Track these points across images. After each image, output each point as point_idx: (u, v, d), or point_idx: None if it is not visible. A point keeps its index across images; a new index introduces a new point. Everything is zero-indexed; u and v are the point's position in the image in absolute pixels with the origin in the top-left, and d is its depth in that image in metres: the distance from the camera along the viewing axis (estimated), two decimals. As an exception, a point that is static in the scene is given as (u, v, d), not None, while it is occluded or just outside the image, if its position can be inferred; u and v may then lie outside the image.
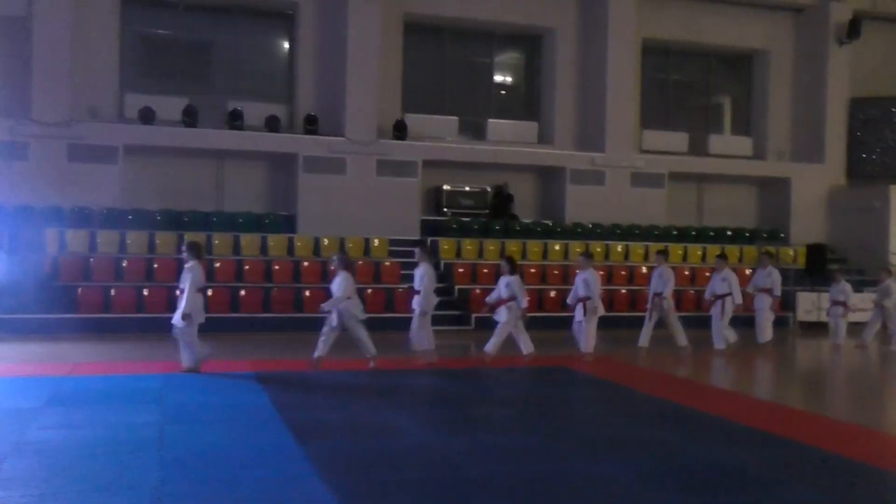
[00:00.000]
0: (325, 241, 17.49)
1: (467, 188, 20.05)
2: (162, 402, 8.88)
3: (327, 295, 11.20)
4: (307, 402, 9.21)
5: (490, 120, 20.87)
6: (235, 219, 17.75)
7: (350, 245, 17.60)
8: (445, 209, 19.69)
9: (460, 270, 17.68)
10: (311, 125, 18.61)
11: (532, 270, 18.02)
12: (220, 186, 18.62)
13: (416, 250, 11.86)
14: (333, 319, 10.92)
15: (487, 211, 20.04)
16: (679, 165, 21.43)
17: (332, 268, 11.28)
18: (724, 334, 14.20)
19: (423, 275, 11.54)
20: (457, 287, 17.29)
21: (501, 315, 12.06)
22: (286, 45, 19.96)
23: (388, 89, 19.40)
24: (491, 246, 18.54)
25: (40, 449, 6.80)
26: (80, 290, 14.93)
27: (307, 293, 15.88)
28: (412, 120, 19.70)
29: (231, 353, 11.97)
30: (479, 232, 19.07)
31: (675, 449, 7.27)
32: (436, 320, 15.52)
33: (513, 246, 18.63)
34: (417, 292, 11.59)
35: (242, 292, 15.64)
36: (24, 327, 13.74)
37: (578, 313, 12.67)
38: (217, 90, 19.25)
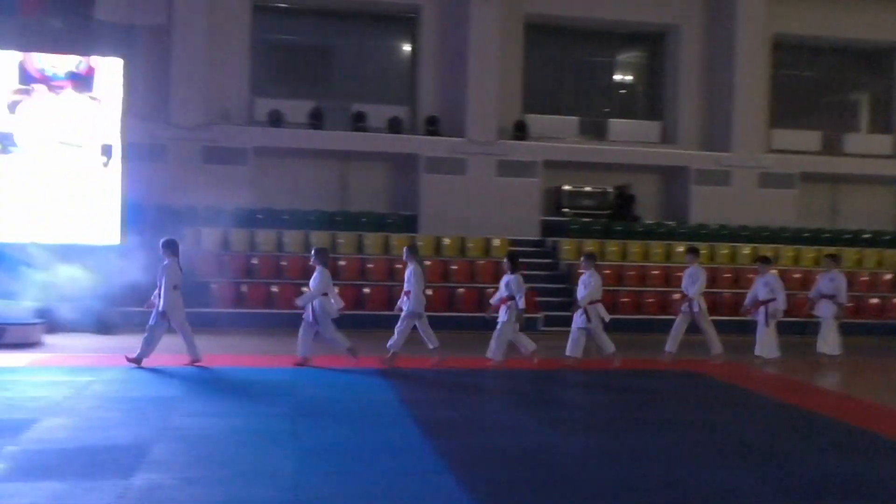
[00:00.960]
0: (447, 241, 17.65)
1: (588, 189, 19.82)
2: (293, 394, 9.16)
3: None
4: (432, 399, 9.31)
5: (611, 120, 20.57)
6: (359, 218, 18.13)
7: (471, 245, 17.70)
8: (565, 210, 19.53)
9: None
10: (433, 126, 18.83)
11: (655, 272, 17.63)
12: (344, 187, 19.08)
13: (405, 250, 11.65)
14: (308, 315, 10.99)
15: (608, 212, 19.74)
16: (811, 165, 20.51)
17: (311, 263, 11.28)
18: (766, 341, 12.73)
19: (410, 275, 11.31)
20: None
21: (501, 315, 11.66)
22: (408, 47, 20.26)
23: (508, 90, 19.40)
24: (612, 247, 18.24)
25: (184, 435, 7.12)
26: (214, 286, 15.57)
27: (430, 291, 16.03)
28: (533, 120, 19.66)
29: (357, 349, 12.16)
30: (601, 233, 18.80)
31: (809, 458, 6.96)
32: (557, 321, 15.54)
33: (635, 247, 18.29)
34: (408, 293, 11.33)
35: (366, 290, 15.96)
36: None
37: (579, 319, 12.00)
38: (341, 93, 19.72)
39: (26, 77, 14.11)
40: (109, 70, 14.47)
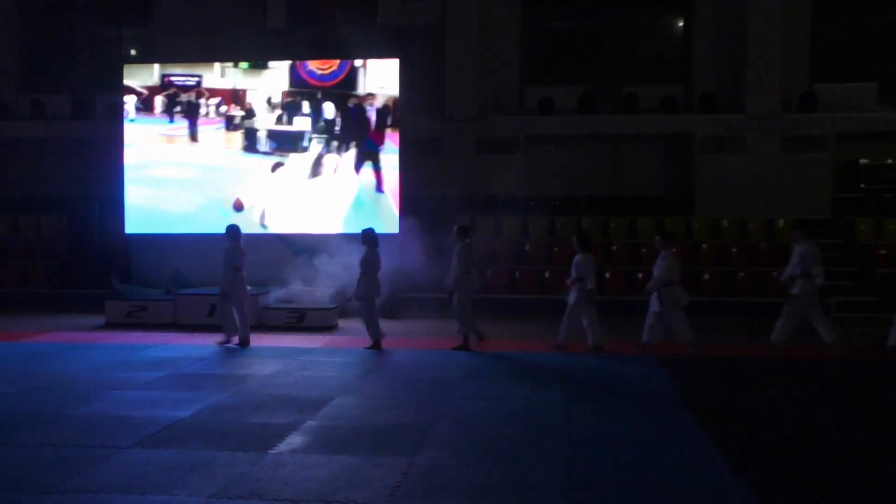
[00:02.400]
0: (725, 223, 16.78)
1: (890, 161, 17.85)
2: (565, 380, 9.18)
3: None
4: (713, 388, 8.90)
5: (920, 83, 18.36)
6: (632, 202, 17.76)
7: (751, 227, 16.68)
8: (863, 186, 17.75)
9: (881, 252, 15.81)
10: (708, 103, 17.93)
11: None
12: (615, 170, 18.75)
13: (454, 229, 11.36)
14: (654, 304, 10.85)
15: (915, 187, 17.68)
16: None
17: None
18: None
19: (456, 254, 11.06)
20: (877, 271, 15.49)
21: (570, 297, 11.06)
22: (680, 23, 19.43)
23: (793, 59, 17.96)
24: (922, 226, 16.32)
25: (461, 417, 7.40)
26: (487, 272, 16.02)
27: (706, 276, 15.39)
28: (822, 90, 18.02)
29: (629, 335, 11.93)
30: (906, 210, 16.89)
31: None
32: (851, 307, 14.24)
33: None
34: (466, 272, 11.07)
35: (640, 275, 15.59)
36: (430, 306, 14.90)
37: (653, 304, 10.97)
38: (611, 76, 19.34)
39: (297, 80, 15.31)
40: (380, 70, 15.27)
